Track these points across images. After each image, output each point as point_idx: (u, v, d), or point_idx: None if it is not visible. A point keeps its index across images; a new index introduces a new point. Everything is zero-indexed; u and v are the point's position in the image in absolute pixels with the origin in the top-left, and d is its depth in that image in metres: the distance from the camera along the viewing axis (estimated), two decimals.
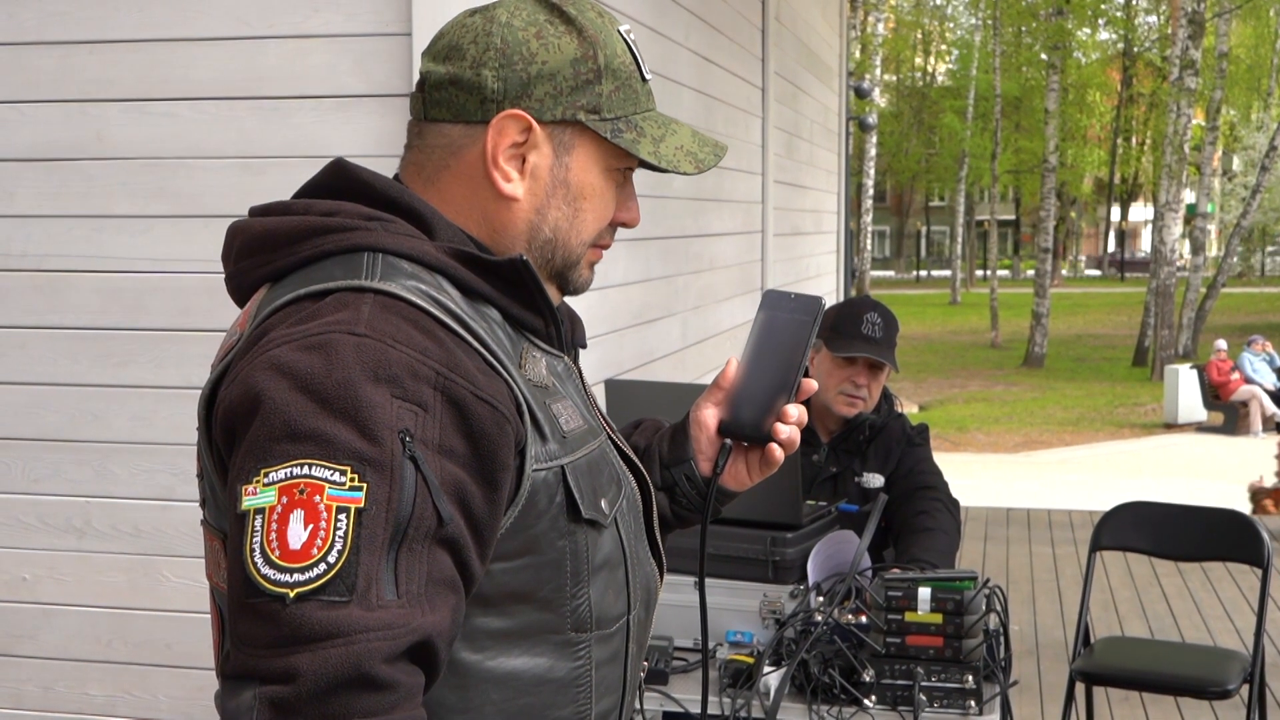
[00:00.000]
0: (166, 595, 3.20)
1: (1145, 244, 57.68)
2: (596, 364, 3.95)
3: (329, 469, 1.21)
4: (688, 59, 5.04)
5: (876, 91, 33.21)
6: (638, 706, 2.90)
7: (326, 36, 3.06)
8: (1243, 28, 35.31)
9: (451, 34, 1.45)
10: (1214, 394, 18.09)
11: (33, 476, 3.25)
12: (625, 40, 1.47)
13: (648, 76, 1.48)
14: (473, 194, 1.44)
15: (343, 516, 1.20)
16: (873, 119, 24.44)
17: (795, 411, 1.63)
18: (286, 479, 1.21)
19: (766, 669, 2.85)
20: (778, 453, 1.65)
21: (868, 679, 2.78)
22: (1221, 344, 18.62)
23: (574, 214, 1.46)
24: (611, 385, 3.43)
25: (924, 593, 2.79)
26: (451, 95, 1.43)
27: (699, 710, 2.86)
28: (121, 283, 3.18)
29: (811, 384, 1.66)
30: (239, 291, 1.44)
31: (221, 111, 3.12)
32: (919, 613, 2.78)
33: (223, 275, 1.48)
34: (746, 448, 1.67)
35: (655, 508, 1.61)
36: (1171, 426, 18.46)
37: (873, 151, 33.38)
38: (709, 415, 1.67)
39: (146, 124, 3.15)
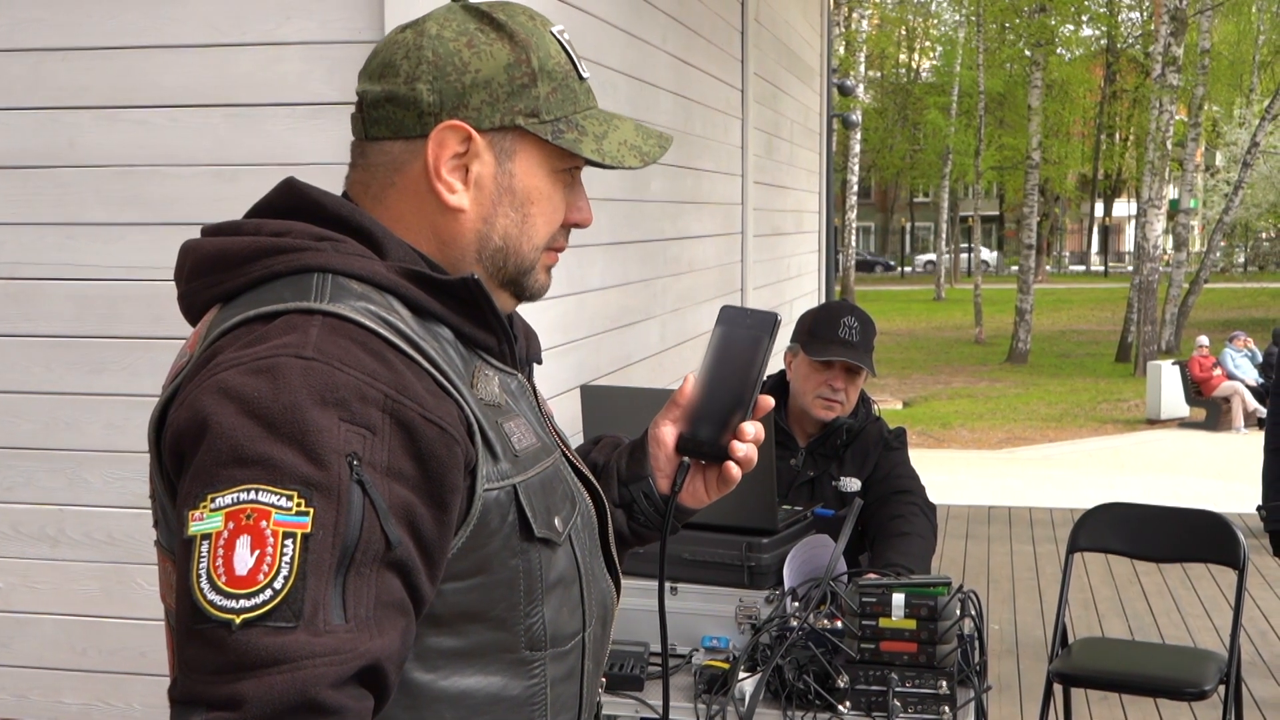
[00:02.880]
0: (141, 603, 3.19)
1: (1129, 240, 57.78)
2: (573, 369, 3.95)
3: (275, 494, 1.21)
4: (665, 62, 5.04)
5: (861, 88, 33.23)
6: (610, 715, 2.90)
7: (299, 44, 3.06)
8: (1225, 24, 35.40)
9: (385, 51, 1.45)
10: (1196, 390, 18.13)
11: (5, 485, 3.24)
12: (559, 40, 1.46)
13: (585, 75, 1.48)
14: (420, 208, 1.44)
15: (289, 542, 1.20)
16: (856, 116, 24.47)
17: (752, 429, 1.64)
18: (233, 504, 1.21)
19: (742, 674, 2.86)
20: (735, 471, 1.65)
21: (842, 685, 2.78)
22: (1204, 340, 18.67)
23: (523, 219, 1.45)
24: (587, 391, 3.43)
25: (898, 598, 2.79)
26: (389, 112, 1.43)
27: (675, 715, 2.87)
28: (94, 290, 3.17)
29: (768, 401, 1.67)
30: (190, 311, 1.44)
31: (194, 119, 3.11)
32: (893, 618, 2.79)
33: None
34: (704, 465, 1.67)
35: (611, 525, 1.61)
36: (1154, 422, 18.50)
37: (857, 148, 33.43)
38: (667, 433, 1.67)
39: (119, 131, 3.14)
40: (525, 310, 1.71)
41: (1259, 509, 4.26)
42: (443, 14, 1.45)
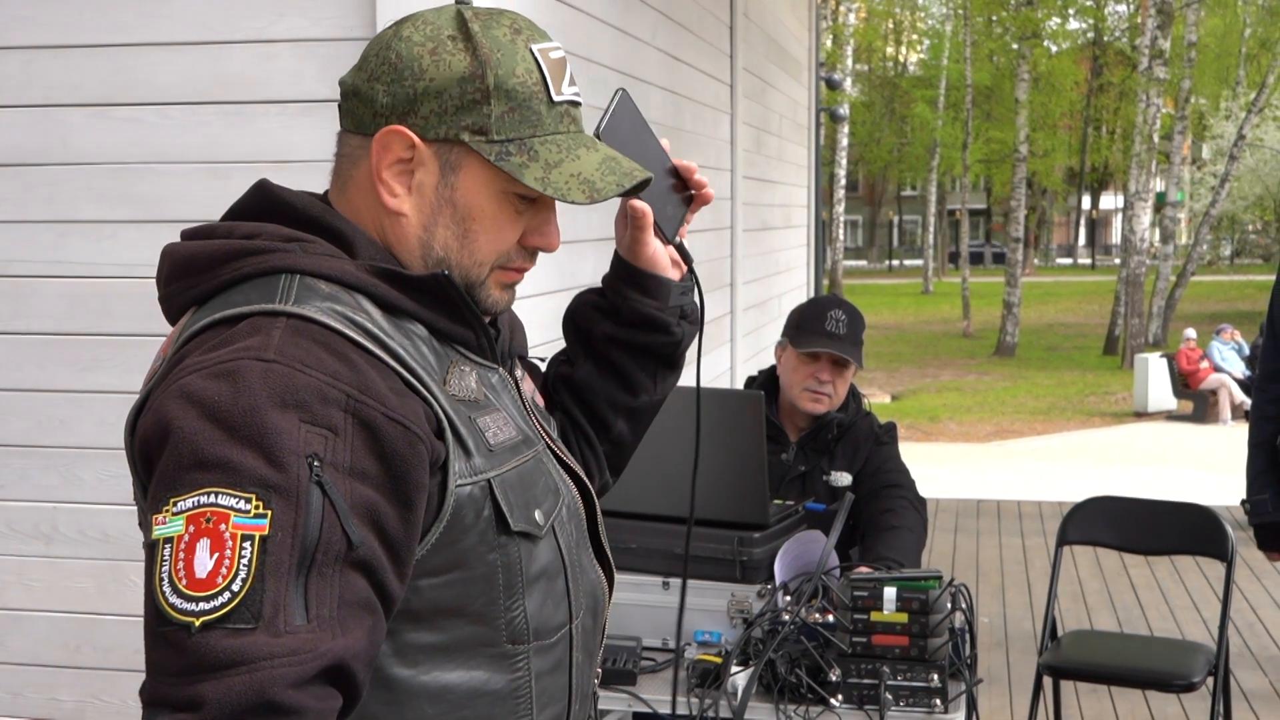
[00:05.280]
0: (135, 600, 3.17)
1: (1116, 233, 57.90)
2: None
3: (234, 497, 1.22)
4: (655, 58, 5.05)
5: (848, 82, 33.24)
6: (603, 709, 2.91)
7: (291, 41, 3.06)
8: (1212, 17, 35.45)
9: (370, 44, 1.46)
10: (1183, 382, 18.19)
11: None
12: (535, 59, 1.43)
13: (559, 98, 1.45)
14: (370, 206, 1.45)
15: (247, 544, 1.21)
16: (844, 110, 24.47)
17: (684, 165, 1.71)
18: (194, 508, 1.22)
19: (734, 668, 2.87)
20: (710, 193, 1.75)
21: (834, 678, 2.80)
22: (1191, 333, 18.73)
23: (463, 234, 1.44)
24: None
25: (889, 592, 2.81)
26: (353, 105, 1.45)
27: (668, 709, 2.88)
28: (87, 288, 3.18)
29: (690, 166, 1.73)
30: (170, 314, 1.45)
31: (186, 116, 3.12)
32: (884, 612, 2.81)
33: None
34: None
35: (599, 514, 1.62)
36: (1141, 415, 18.55)
37: (845, 142, 33.44)
38: (656, 247, 1.70)
39: (111, 129, 3.15)
40: (516, 306, 1.72)
41: (1243, 503, 4.28)
42: (427, 15, 1.45)
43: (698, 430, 1.77)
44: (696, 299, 1.77)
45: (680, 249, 1.72)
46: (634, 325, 1.72)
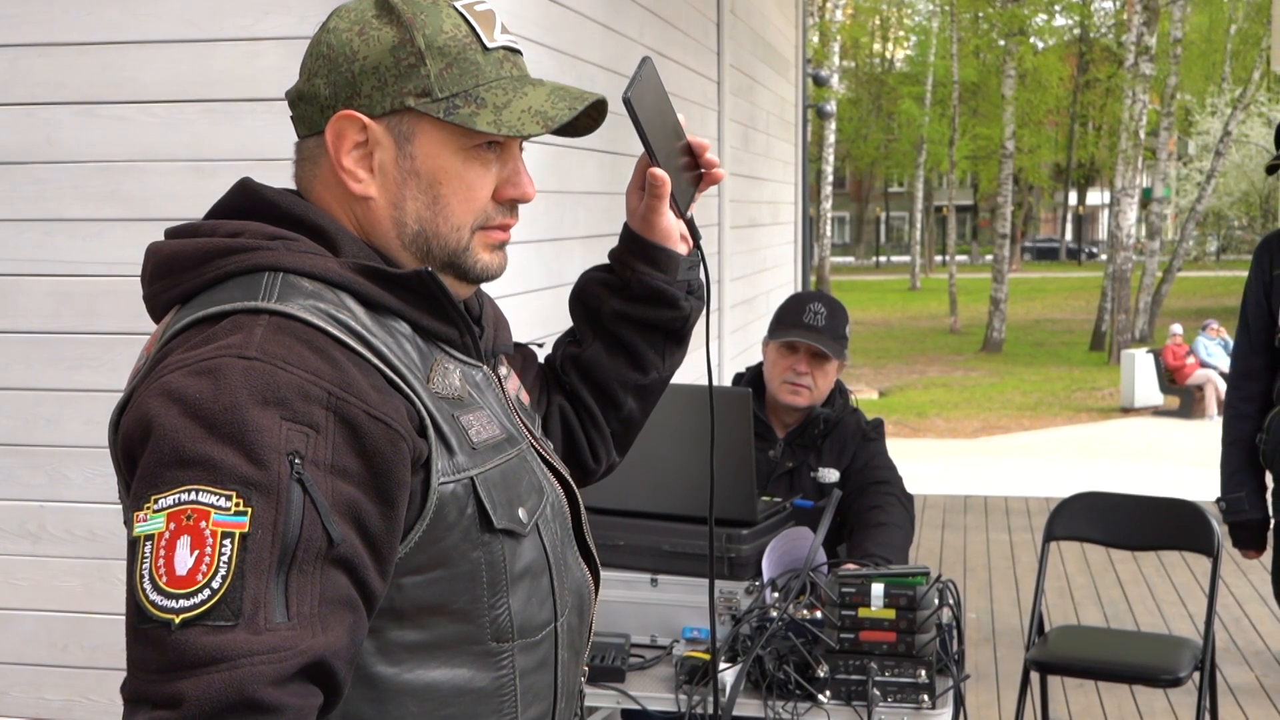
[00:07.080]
0: (122, 599, 3.16)
1: (1103, 229, 58.01)
2: None
3: (214, 494, 1.22)
4: (642, 55, 5.05)
5: (835, 78, 33.27)
6: (592, 706, 2.91)
7: (277, 39, 3.06)
8: (1198, 14, 35.51)
9: (306, 51, 1.48)
10: (1170, 378, 18.23)
11: None
12: (460, 14, 1.45)
13: (492, 46, 1.46)
14: (339, 200, 1.46)
15: (227, 542, 1.21)
16: (831, 107, 24.49)
17: (698, 141, 1.71)
18: (174, 505, 1.22)
19: (722, 665, 2.87)
20: (720, 173, 1.74)
21: (822, 674, 2.81)
22: (1177, 328, 18.78)
23: (434, 201, 1.45)
24: None
25: (877, 589, 2.82)
26: (302, 110, 1.46)
27: (656, 706, 2.89)
28: (73, 286, 3.18)
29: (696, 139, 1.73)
30: (154, 313, 1.46)
31: (172, 114, 3.12)
32: (872, 608, 2.81)
33: None
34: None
35: (583, 513, 1.62)
36: (1128, 410, 18.59)
37: (832, 138, 33.46)
38: (669, 218, 1.70)
39: (97, 127, 3.14)
40: (504, 304, 1.72)
41: (1218, 501, 4.30)
42: (349, 4, 1.47)
43: (711, 411, 1.77)
44: (702, 276, 1.78)
45: (690, 224, 1.73)
46: (643, 300, 1.73)
